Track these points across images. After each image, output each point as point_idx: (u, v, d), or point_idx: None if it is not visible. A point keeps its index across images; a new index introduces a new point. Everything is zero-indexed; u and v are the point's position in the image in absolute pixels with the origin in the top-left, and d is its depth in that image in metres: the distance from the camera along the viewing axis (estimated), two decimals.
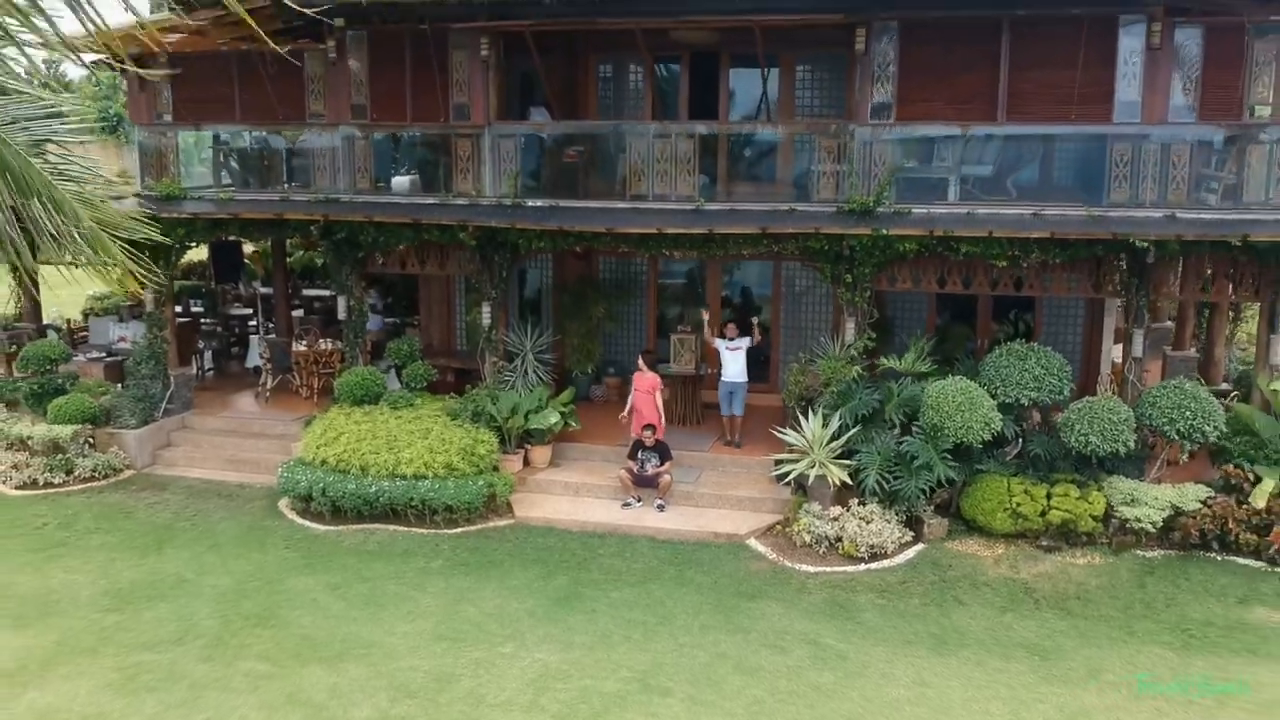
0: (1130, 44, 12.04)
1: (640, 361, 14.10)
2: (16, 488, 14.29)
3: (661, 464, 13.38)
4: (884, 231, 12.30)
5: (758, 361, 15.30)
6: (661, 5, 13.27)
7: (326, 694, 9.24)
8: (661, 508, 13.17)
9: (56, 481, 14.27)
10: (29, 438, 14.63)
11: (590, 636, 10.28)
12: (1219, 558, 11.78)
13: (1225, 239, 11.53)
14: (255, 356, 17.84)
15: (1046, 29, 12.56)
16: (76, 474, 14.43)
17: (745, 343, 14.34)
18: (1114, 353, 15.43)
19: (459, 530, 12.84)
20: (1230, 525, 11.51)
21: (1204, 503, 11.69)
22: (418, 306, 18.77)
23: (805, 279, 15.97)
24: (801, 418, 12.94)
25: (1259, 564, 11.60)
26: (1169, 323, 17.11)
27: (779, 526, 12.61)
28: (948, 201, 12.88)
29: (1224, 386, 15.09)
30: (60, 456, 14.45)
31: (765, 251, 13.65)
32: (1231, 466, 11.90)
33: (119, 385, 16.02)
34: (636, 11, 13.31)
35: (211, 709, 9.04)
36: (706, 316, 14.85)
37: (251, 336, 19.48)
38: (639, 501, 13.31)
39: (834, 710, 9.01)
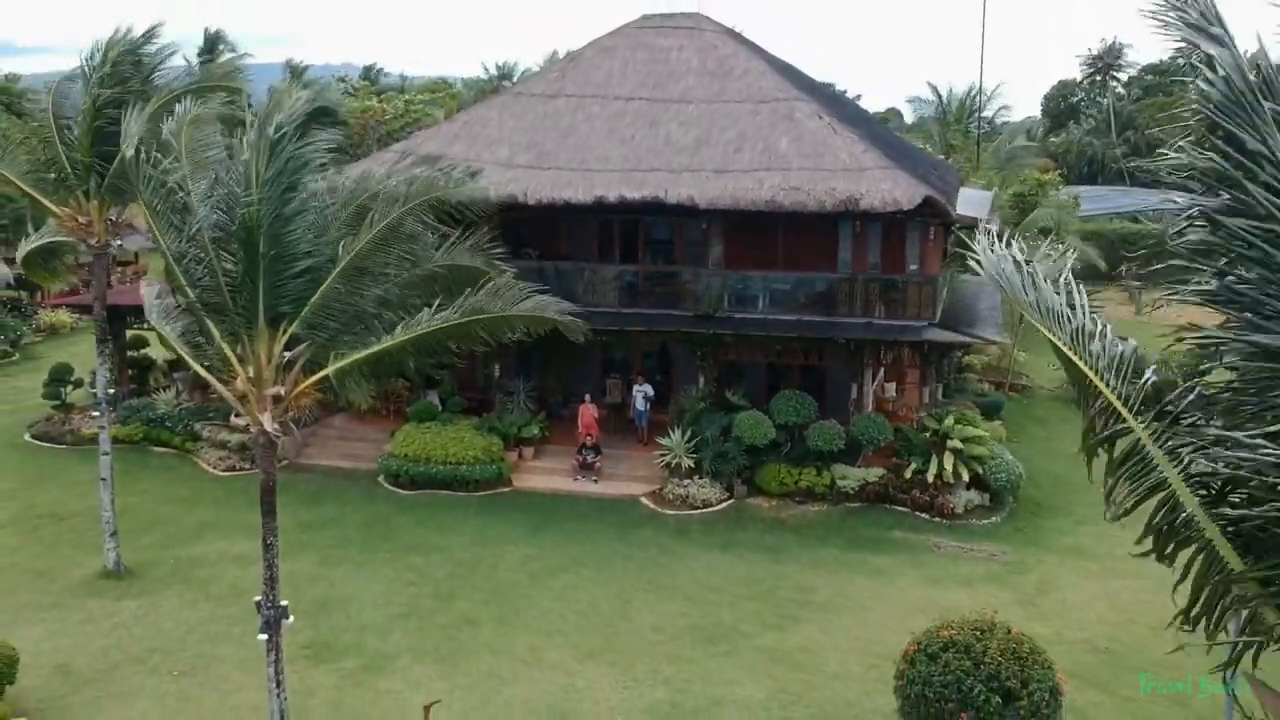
0: (845, 229, 22.28)
1: (586, 399, 24.35)
2: (222, 471, 24.51)
3: (597, 457, 23.57)
4: (711, 332, 22.56)
5: (662, 393, 25.46)
6: (611, 208, 23.24)
7: (423, 565, 19.45)
8: (595, 481, 23.35)
9: (246, 467, 24.43)
10: (228, 441, 24.87)
11: (551, 544, 20.50)
12: (889, 507, 21.98)
13: (887, 339, 21.72)
14: None
15: (802, 222, 22.68)
16: (257, 463, 24.56)
17: (647, 388, 24.58)
18: (877, 390, 25.64)
19: (481, 494, 23.05)
20: (892, 490, 21.75)
21: (880, 478, 21.92)
22: None
23: None
24: (673, 431, 23.16)
25: (906, 510, 21.81)
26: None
27: (658, 491, 22.82)
28: (758, 309, 23.11)
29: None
30: (247, 453, 24.66)
31: (656, 338, 23.92)
32: (897, 458, 22.13)
33: None
34: (591, 208, 23.37)
35: (368, 572, 19.24)
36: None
37: None
38: (583, 478, 23.50)
39: (663, 571, 19.24)
